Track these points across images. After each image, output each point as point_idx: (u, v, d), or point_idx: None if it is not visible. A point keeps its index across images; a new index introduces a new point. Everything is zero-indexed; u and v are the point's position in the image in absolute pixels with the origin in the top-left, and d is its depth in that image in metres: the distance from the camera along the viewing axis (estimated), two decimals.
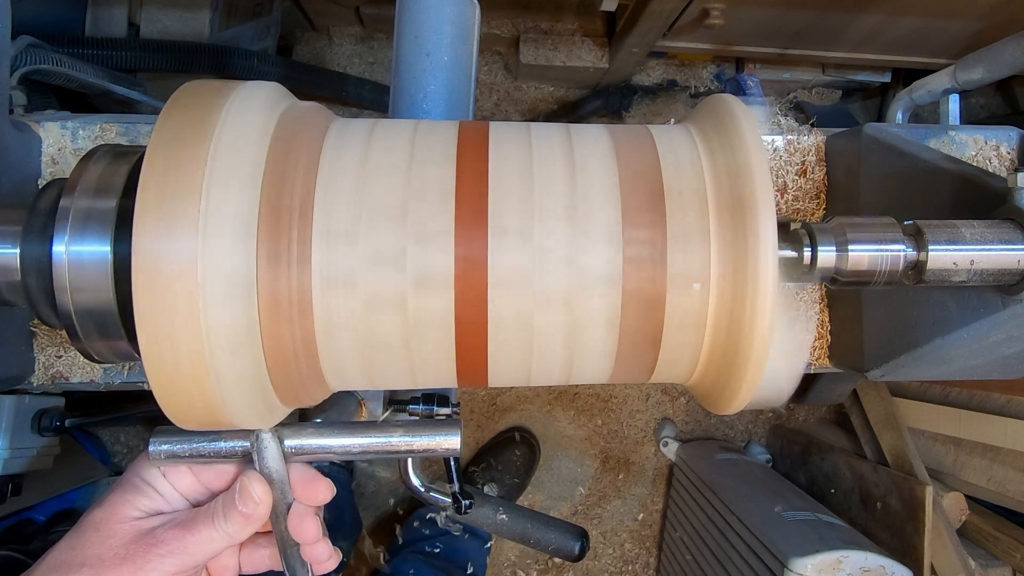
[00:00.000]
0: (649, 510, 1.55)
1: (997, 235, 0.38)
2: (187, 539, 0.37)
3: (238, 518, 0.37)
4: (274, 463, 0.38)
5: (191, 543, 0.37)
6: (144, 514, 0.38)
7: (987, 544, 1.16)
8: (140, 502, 0.38)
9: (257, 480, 0.37)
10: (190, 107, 0.32)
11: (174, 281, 0.29)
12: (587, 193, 0.34)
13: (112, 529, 0.37)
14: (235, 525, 0.37)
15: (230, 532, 0.37)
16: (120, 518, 0.37)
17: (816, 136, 0.60)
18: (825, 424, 1.53)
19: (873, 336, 0.53)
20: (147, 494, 0.39)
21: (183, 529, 0.37)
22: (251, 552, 0.43)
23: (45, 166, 0.53)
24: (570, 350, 0.35)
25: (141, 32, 1.05)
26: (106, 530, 0.37)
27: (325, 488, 0.39)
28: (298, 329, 0.32)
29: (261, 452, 0.38)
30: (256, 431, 0.37)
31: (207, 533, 0.37)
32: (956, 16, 1.12)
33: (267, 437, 0.38)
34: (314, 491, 0.39)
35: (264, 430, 0.37)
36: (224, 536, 0.37)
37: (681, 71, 1.51)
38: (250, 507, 0.37)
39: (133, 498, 0.38)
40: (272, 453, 0.38)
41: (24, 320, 0.52)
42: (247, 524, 0.37)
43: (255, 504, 0.37)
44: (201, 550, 0.37)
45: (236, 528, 0.37)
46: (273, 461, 0.38)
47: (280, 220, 0.32)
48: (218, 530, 0.37)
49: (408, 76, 0.51)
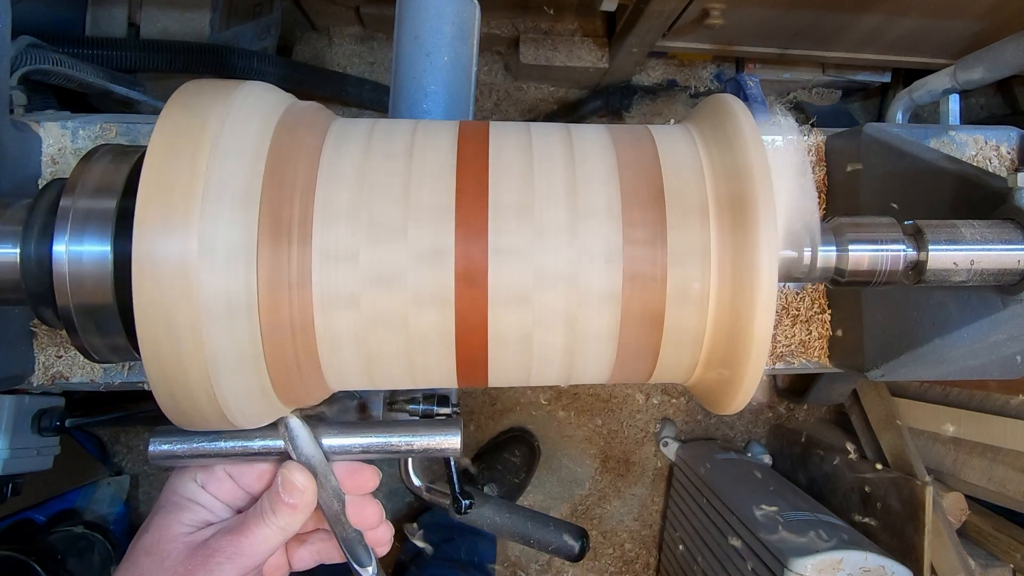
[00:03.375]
0: (649, 510, 1.55)
1: (997, 235, 0.38)
2: (242, 542, 0.37)
3: (285, 510, 0.37)
4: (309, 449, 0.38)
5: (246, 545, 0.37)
6: (193, 528, 0.38)
7: (987, 544, 1.16)
8: (185, 518, 0.38)
9: (297, 468, 0.38)
10: (190, 107, 0.32)
11: (174, 281, 0.29)
12: (587, 195, 0.34)
13: (165, 551, 0.37)
14: (285, 517, 0.37)
15: (282, 525, 0.37)
16: (170, 538, 0.37)
17: (816, 136, 0.60)
18: (825, 424, 1.53)
19: (873, 336, 0.53)
20: (190, 509, 0.38)
21: (235, 534, 0.37)
22: (295, 550, 0.43)
23: (45, 166, 0.53)
24: (570, 351, 0.35)
25: (141, 32, 1.05)
26: (158, 553, 0.37)
27: (371, 475, 0.39)
28: (297, 316, 0.32)
29: (294, 440, 0.37)
30: (283, 419, 0.37)
31: (260, 532, 0.37)
32: (956, 16, 1.12)
33: (296, 424, 0.37)
34: (361, 480, 0.39)
35: (291, 417, 0.37)
36: (277, 531, 0.37)
37: (681, 71, 1.51)
38: (295, 496, 0.37)
39: (177, 516, 0.38)
40: (305, 439, 0.38)
41: (24, 320, 0.52)
42: (295, 514, 0.37)
43: (300, 492, 0.37)
44: (258, 550, 0.37)
45: (286, 520, 0.37)
46: (308, 447, 0.38)
47: (280, 219, 0.32)
48: (270, 526, 0.37)
49: (408, 76, 0.51)
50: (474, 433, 1.50)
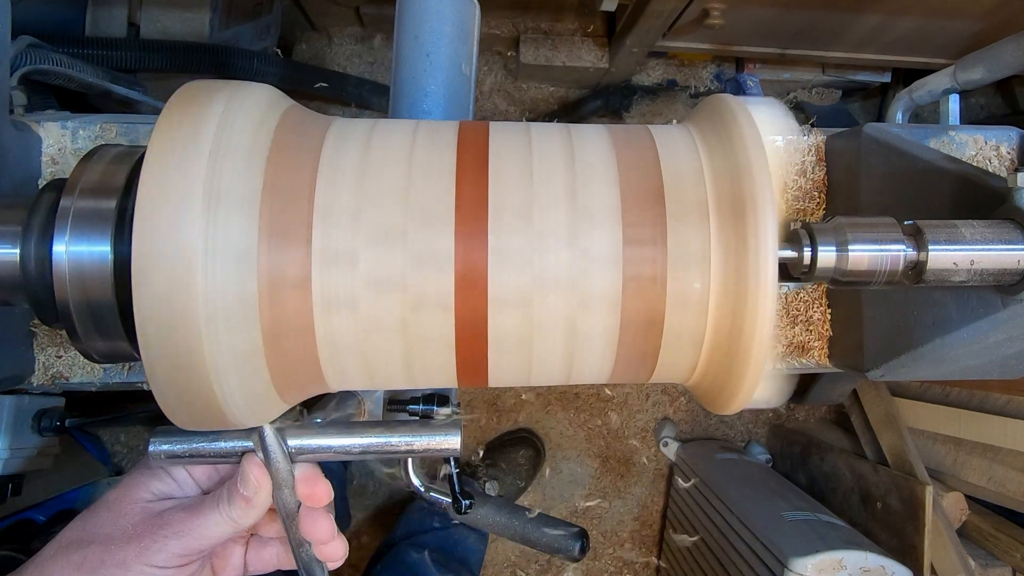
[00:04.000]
0: (649, 510, 1.55)
1: (997, 235, 0.38)
2: (193, 522, 0.38)
3: (240, 501, 0.38)
4: (276, 456, 0.38)
5: (196, 526, 0.38)
6: (156, 497, 0.39)
7: (987, 544, 1.16)
8: (153, 485, 0.39)
9: (255, 463, 0.38)
10: (190, 107, 0.32)
11: (174, 281, 0.29)
12: (587, 196, 0.34)
13: (124, 509, 0.38)
14: (238, 509, 0.38)
15: (234, 516, 0.38)
16: (132, 499, 0.39)
17: (816, 136, 0.60)
18: (825, 424, 1.53)
19: (873, 336, 0.53)
20: (161, 478, 0.40)
21: (189, 512, 0.38)
22: (258, 551, 0.43)
23: (45, 166, 0.53)
24: (570, 349, 0.35)
25: (141, 32, 1.05)
26: (117, 510, 0.38)
27: (324, 489, 0.39)
28: (296, 318, 0.32)
29: (266, 448, 0.38)
30: (259, 427, 0.38)
31: (212, 517, 0.38)
32: (956, 16, 1.12)
33: (269, 432, 0.38)
34: (313, 490, 0.39)
35: (266, 426, 0.38)
36: (228, 520, 0.38)
37: (681, 71, 1.51)
38: (250, 489, 0.37)
39: (147, 481, 0.39)
40: (274, 447, 0.38)
41: (24, 320, 0.52)
42: (248, 508, 0.38)
43: (254, 487, 0.37)
44: (205, 534, 0.38)
45: (239, 512, 0.38)
46: (276, 454, 0.38)
47: (279, 221, 0.32)
48: (222, 514, 0.38)
49: (408, 76, 0.51)
50: (474, 434, 1.50)
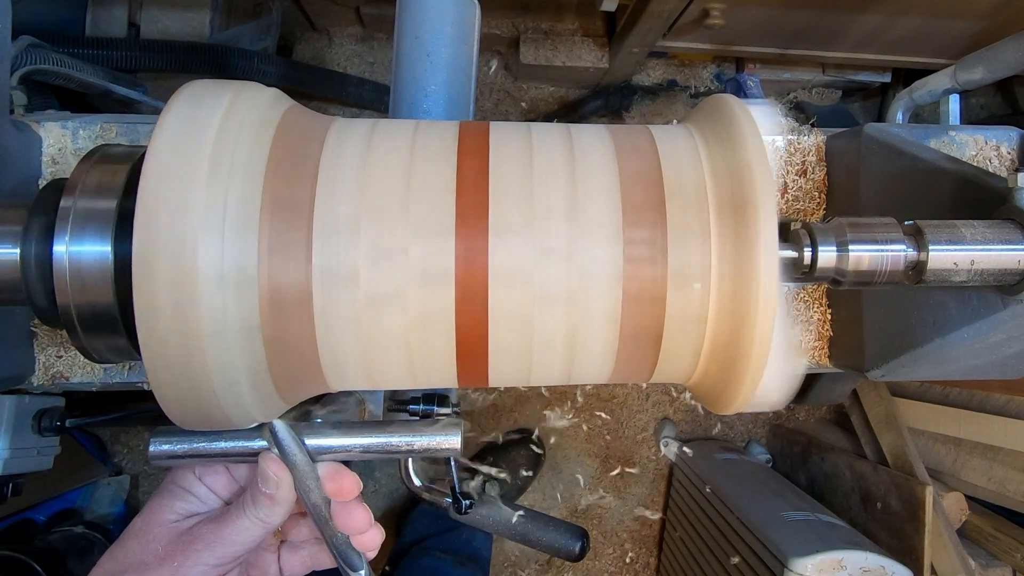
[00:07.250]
0: (649, 510, 1.55)
1: (997, 235, 0.38)
2: (222, 531, 0.38)
3: (264, 500, 0.38)
4: (292, 448, 0.38)
5: (226, 534, 0.38)
6: (181, 516, 0.40)
7: (987, 544, 1.16)
8: (177, 506, 0.40)
9: (271, 459, 0.38)
10: (190, 107, 0.32)
11: (174, 281, 0.29)
12: (587, 192, 0.34)
13: (152, 533, 0.38)
14: (264, 508, 0.38)
15: (261, 516, 0.38)
16: (158, 522, 0.39)
17: (816, 136, 0.60)
18: (825, 424, 1.53)
19: (873, 336, 0.53)
20: (183, 498, 0.40)
21: (217, 523, 0.38)
22: (289, 557, 0.43)
23: (45, 166, 0.53)
24: (571, 348, 0.35)
25: (141, 32, 1.05)
26: (145, 536, 0.38)
27: (352, 482, 0.40)
28: (298, 326, 0.32)
29: (279, 442, 0.38)
30: (269, 423, 0.38)
31: (240, 522, 0.38)
32: (956, 16, 1.12)
33: (280, 426, 0.38)
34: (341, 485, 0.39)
35: (276, 421, 0.38)
36: (256, 522, 0.38)
37: (681, 71, 1.51)
38: (271, 486, 0.38)
39: (170, 503, 0.40)
40: (288, 440, 0.38)
41: (24, 320, 0.52)
42: (274, 505, 0.38)
43: (275, 482, 0.38)
44: (237, 539, 0.38)
45: (265, 511, 0.38)
46: (290, 447, 0.38)
47: (281, 217, 0.32)
48: (249, 517, 0.38)
49: (408, 76, 0.51)
50: (474, 435, 1.50)
